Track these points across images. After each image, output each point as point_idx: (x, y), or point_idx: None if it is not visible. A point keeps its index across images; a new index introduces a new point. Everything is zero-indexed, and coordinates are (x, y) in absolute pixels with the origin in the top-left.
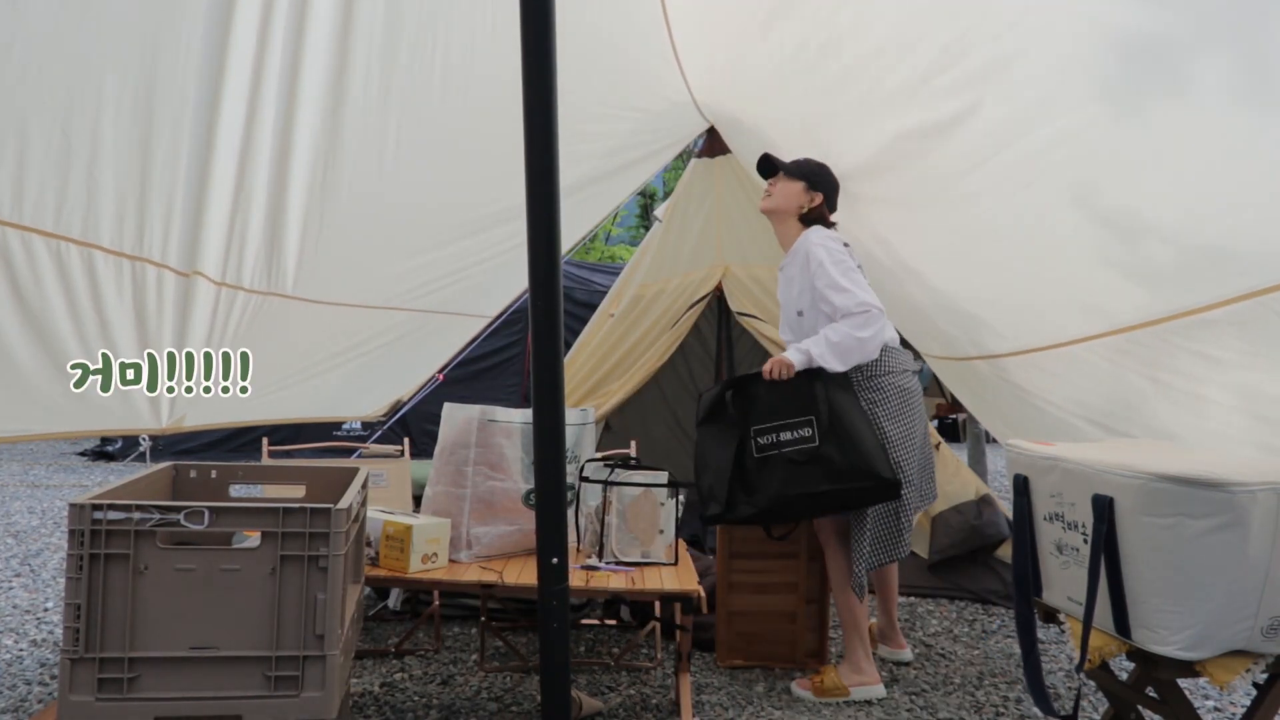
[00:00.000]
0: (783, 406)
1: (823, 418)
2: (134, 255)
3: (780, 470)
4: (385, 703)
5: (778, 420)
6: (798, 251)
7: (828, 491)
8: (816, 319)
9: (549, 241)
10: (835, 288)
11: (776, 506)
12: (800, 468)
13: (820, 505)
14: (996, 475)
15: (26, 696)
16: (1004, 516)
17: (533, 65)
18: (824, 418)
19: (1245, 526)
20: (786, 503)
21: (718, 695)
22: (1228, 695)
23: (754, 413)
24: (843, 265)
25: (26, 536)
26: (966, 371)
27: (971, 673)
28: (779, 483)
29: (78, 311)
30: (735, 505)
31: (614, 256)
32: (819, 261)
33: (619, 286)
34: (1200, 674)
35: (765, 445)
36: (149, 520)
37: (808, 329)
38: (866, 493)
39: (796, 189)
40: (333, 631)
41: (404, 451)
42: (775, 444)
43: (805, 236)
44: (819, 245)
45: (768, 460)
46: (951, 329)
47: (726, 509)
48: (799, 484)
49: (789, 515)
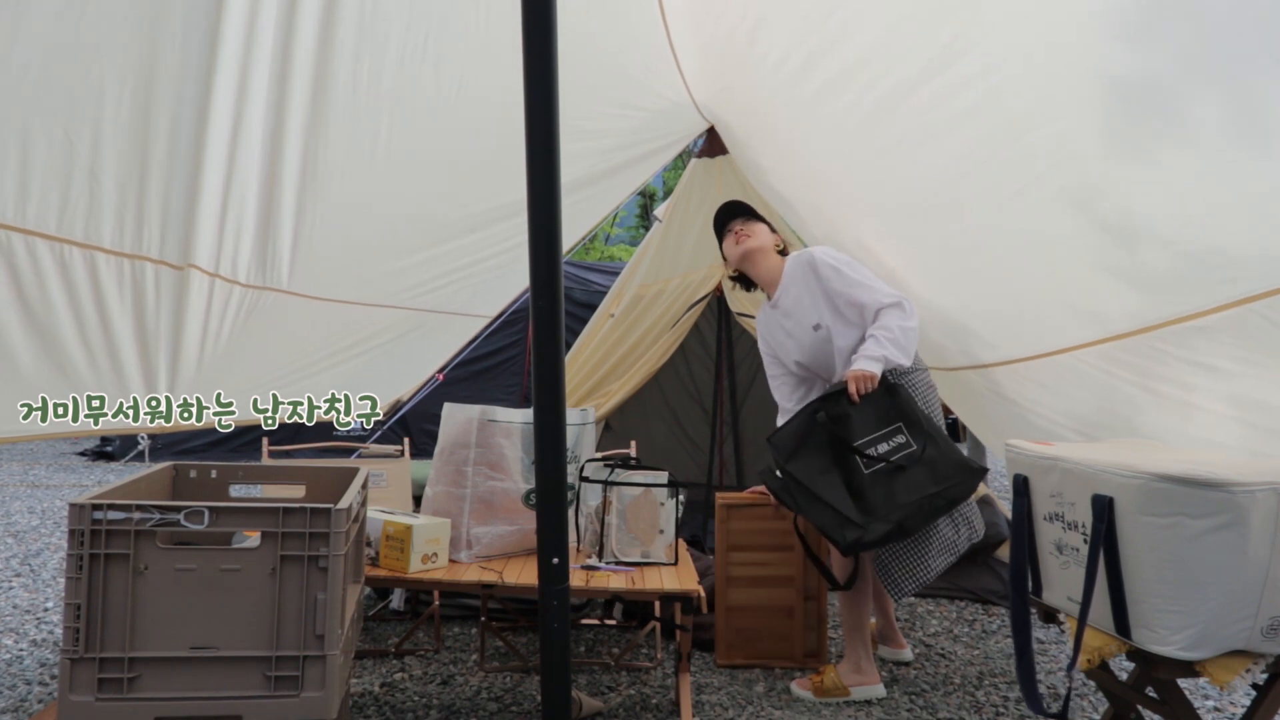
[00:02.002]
0: (873, 419)
1: (910, 422)
2: (133, 254)
3: (891, 482)
4: (385, 703)
5: (873, 433)
6: (794, 274)
7: (936, 493)
8: (837, 326)
9: (550, 241)
10: (860, 286)
11: (907, 520)
12: (907, 473)
13: (928, 510)
14: (996, 475)
15: (26, 696)
16: (1004, 517)
17: (534, 66)
18: (911, 422)
19: (1245, 526)
20: (909, 513)
21: (718, 695)
22: (1228, 695)
23: (849, 432)
24: (855, 265)
25: (26, 536)
26: (956, 382)
27: (971, 673)
28: (898, 493)
29: (81, 314)
30: (866, 526)
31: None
32: (832, 268)
33: (619, 286)
34: (1200, 674)
35: (873, 458)
36: (149, 520)
37: (829, 340)
38: (963, 486)
39: (765, 229)
40: (333, 631)
41: (404, 451)
42: (880, 456)
43: (798, 256)
44: (822, 254)
45: (878, 475)
46: (942, 339)
47: (865, 531)
48: (911, 490)
49: (915, 526)
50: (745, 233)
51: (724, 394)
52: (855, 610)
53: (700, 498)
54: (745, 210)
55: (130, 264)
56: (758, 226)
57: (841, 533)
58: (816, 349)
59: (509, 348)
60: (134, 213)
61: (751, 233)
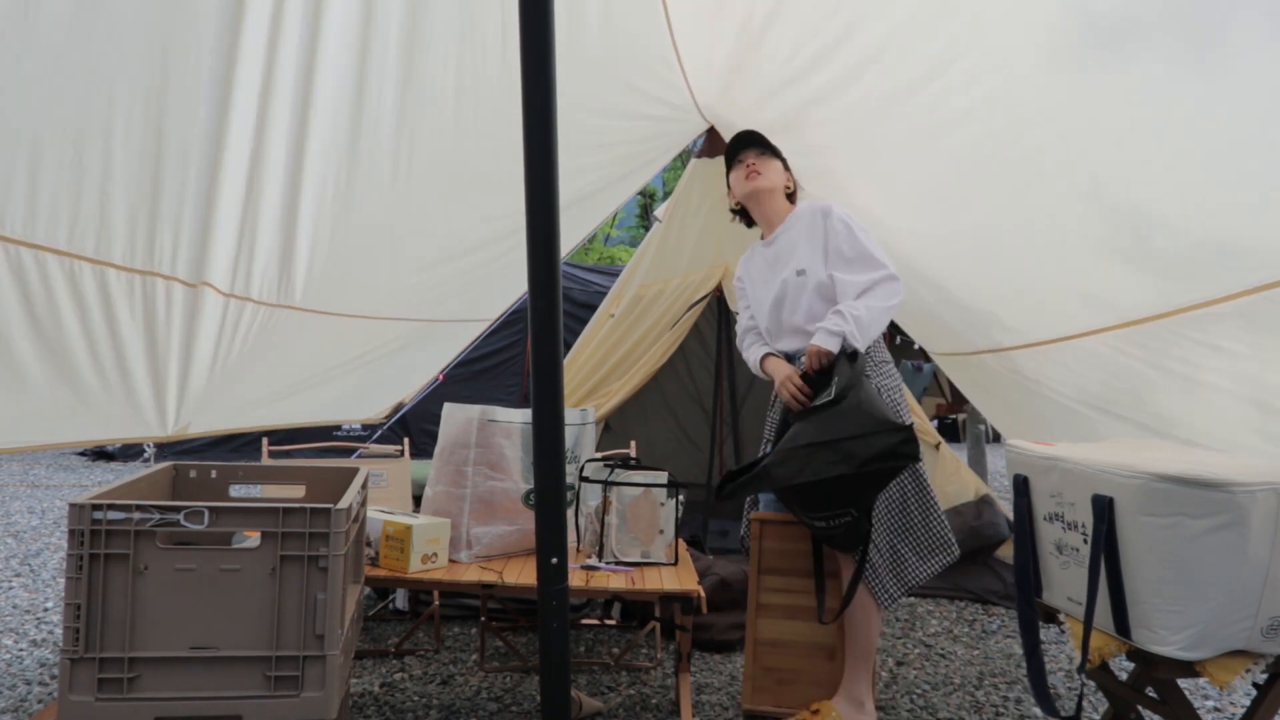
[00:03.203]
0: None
1: (846, 380)
2: (144, 270)
3: (799, 427)
4: (385, 703)
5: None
6: (802, 217)
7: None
8: (814, 279)
9: (548, 242)
10: (862, 257)
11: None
12: (807, 422)
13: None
14: (996, 475)
15: (26, 696)
16: (1004, 517)
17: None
18: (847, 381)
19: (1245, 526)
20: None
21: (718, 695)
22: (1228, 695)
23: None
24: (866, 231)
25: (26, 536)
26: (974, 365)
27: (971, 673)
28: (782, 442)
29: (91, 329)
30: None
31: (613, 258)
32: (844, 223)
33: (619, 287)
34: (1200, 674)
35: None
36: (149, 520)
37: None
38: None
39: (779, 166)
40: (333, 631)
41: (404, 451)
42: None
43: (813, 204)
44: (839, 209)
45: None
46: (961, 325)
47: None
48: (797, 438)
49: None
50: (756, 168)
51: (724, 394)
52: (864, 635)
53: (700, 498)
54: (760, 141)
55: (141, 280)
56: (772, 164)
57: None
58: (785, 293)
59: (509, 348)
60: (145, 229)
61: (764, 169)
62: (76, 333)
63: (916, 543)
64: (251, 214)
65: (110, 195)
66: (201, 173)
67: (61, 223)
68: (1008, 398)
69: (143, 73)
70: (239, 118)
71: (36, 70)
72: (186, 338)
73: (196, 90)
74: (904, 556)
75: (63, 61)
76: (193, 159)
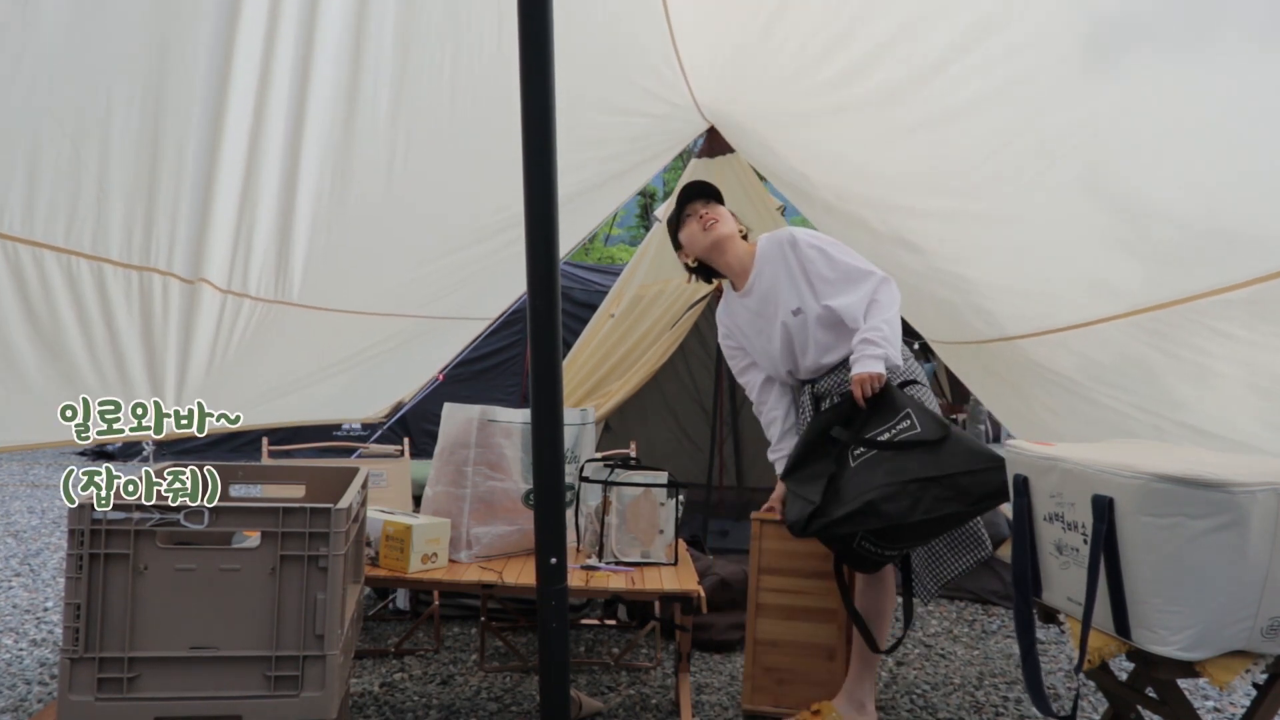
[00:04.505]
0: (878, 415)
1: (919, 410)
2: (141, 266)
3: (877, 467)
4: (385, 703)
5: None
6: (769, 255)
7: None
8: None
9: (547, 241)
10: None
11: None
12: (903, 456)
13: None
14: None
15: (26, 696)
16: (1004, 516)
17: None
18: (920, 410)
19: (1245, 527)
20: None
21: (717, 695)
22: (1228, 695)
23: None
24: (838, 245)
25: (26, 536)
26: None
27: (971, 673)
28: (880, 476)
29: (88, 325)
30: (823, 507)
31: (613, 257)
32: (816, 249)
33: (619, 287)
34: (1200, 674)
35: (868, 445)
36: (149, 520)
37: (806, 326)
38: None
39: (727, 212)
40: (333, 631)
41: (404, 451)
42: (874, 442)
43: (773, 236)
44: (803, 234)
45: (863, 464)
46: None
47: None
48: (898, 473)
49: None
50: (711, 216)
51: (724, 394)
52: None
53: (700, 498)
54: (706, 191)
55: (139, 276)
56: (721, 210)
57: (793, 511)
58: (790, 336)
59: (509, 348)
60: (142, 225)
61: (718, 217)
62: (74, 330)
63: (952, 538)
64: (249, 209)
65: (107, 191)
66: (198, 168)
67: (59, 219)
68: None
69: (140, 69)
70: (235, 113)
71: (35, 68)
72: (184, 334)
73: (193, 86)
74: (940, 553)
75: (61, 59)
76: (189, 155)
